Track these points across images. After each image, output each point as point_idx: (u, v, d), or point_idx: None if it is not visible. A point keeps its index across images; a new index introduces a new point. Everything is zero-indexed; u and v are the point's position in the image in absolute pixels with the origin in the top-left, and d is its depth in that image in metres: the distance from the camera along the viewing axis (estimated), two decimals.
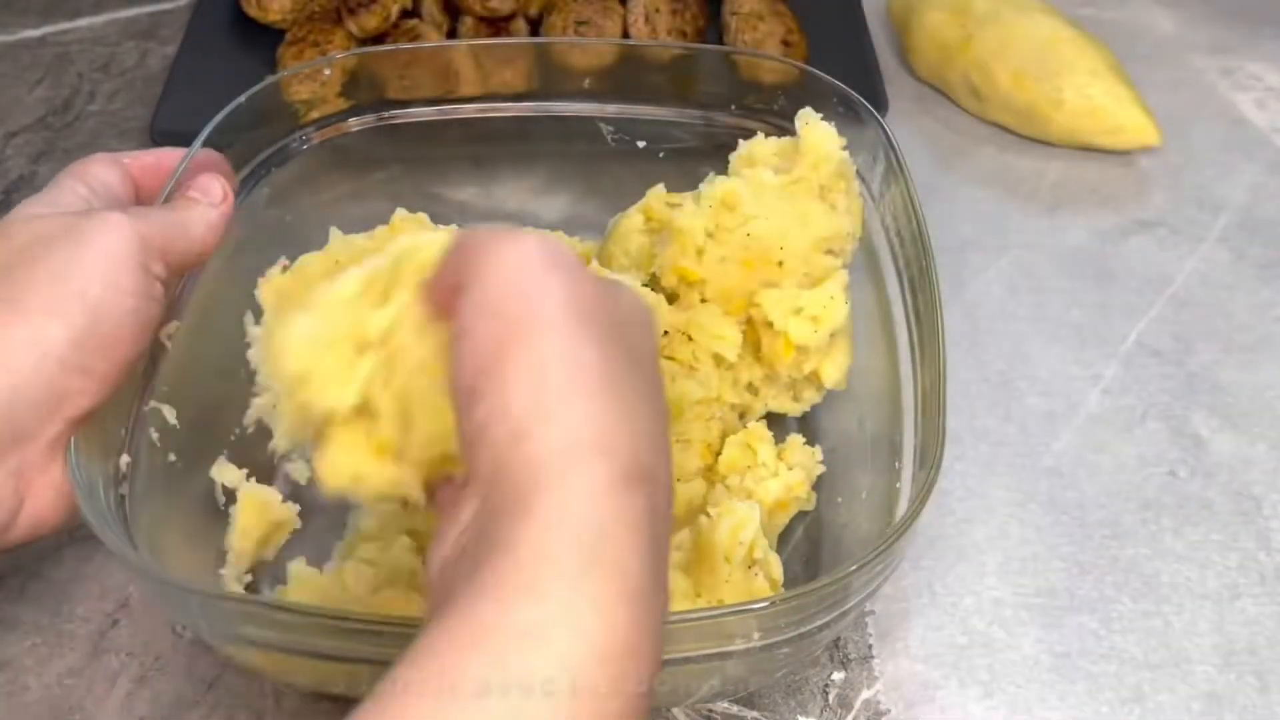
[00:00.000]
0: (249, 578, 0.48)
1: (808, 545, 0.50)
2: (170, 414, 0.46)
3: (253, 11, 0.73)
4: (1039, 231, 0.67)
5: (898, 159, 0.49)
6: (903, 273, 0.48)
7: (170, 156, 0.48)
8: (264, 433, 0.42)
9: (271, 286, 0.51)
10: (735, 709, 0.46)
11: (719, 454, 0.50)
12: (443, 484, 0.33)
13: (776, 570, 0.45)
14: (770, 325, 0.48)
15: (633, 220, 0.54)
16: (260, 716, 0.46)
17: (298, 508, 0.50)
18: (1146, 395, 0.58)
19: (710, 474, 0.50)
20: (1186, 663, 0.48)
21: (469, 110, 0.58)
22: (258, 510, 0.48)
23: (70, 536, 0.51)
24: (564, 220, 0.61)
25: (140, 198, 0.47)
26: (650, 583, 0.27)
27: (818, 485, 0.50)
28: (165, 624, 0.48)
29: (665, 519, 0.29)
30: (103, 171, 0.45)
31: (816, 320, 0.47)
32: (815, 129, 0.48)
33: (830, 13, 0.75)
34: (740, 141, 0.52)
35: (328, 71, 0.55)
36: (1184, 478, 0.55)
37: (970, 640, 0.49)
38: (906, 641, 0.49)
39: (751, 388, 0.52)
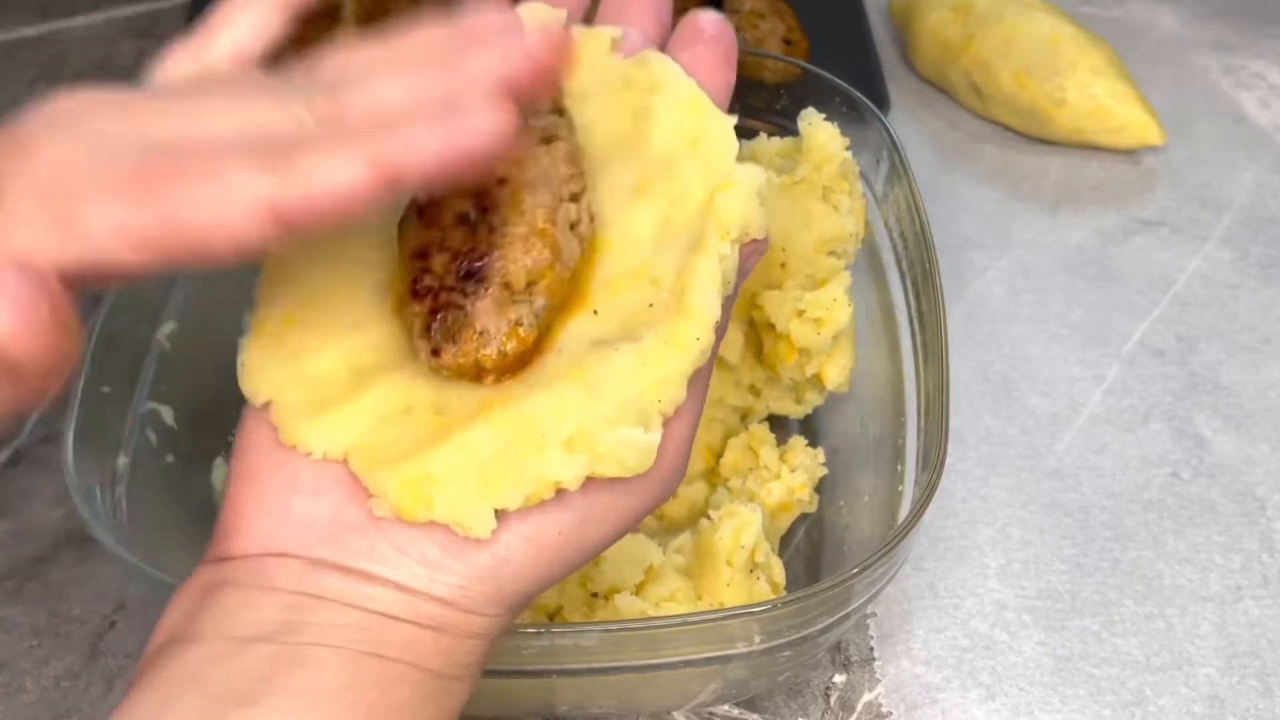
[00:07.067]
0: None
1: (809, 547, 0.50)
2: (168, 414, 0.45)
3: None
4: (1041, 231, 0.67)
5: (901, 159, 0.49)
6: (906, 274, 0.48)
7: None
8: None
9: None
10: (737, 712, 0.46)
11: (721, 456, 0.50)
12: None
13: (778, 573, 0.45)
14: (772, 327, 0.48)
15: None
16: None
17: None
18: (1149, 396, 0.58)
19: (712, 476, 0.50)
20: (1189, 665, 0.48)
21: None
22: None
23: (68, 538, 0.51)
24: None
25: None
26: None
27: (820, 487, 0.50)
28: None
29: None
30: None
31: (819, 322, 0.47)
32: (819, 129, 0.48)
33: (831, 11, 0.75)
34: (742, 141, 0.52)
35: None
36: (1187, 479, 0.55)
37: (972, 643, 0.49)
38: (908, 644, 0.49)
39: (753, 390, 0.52)
